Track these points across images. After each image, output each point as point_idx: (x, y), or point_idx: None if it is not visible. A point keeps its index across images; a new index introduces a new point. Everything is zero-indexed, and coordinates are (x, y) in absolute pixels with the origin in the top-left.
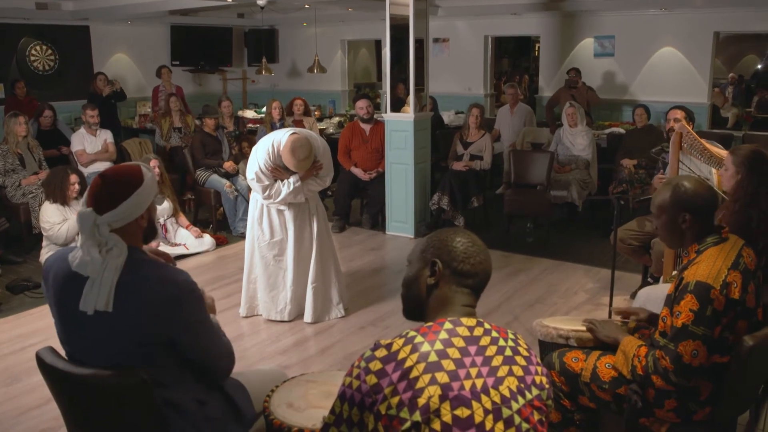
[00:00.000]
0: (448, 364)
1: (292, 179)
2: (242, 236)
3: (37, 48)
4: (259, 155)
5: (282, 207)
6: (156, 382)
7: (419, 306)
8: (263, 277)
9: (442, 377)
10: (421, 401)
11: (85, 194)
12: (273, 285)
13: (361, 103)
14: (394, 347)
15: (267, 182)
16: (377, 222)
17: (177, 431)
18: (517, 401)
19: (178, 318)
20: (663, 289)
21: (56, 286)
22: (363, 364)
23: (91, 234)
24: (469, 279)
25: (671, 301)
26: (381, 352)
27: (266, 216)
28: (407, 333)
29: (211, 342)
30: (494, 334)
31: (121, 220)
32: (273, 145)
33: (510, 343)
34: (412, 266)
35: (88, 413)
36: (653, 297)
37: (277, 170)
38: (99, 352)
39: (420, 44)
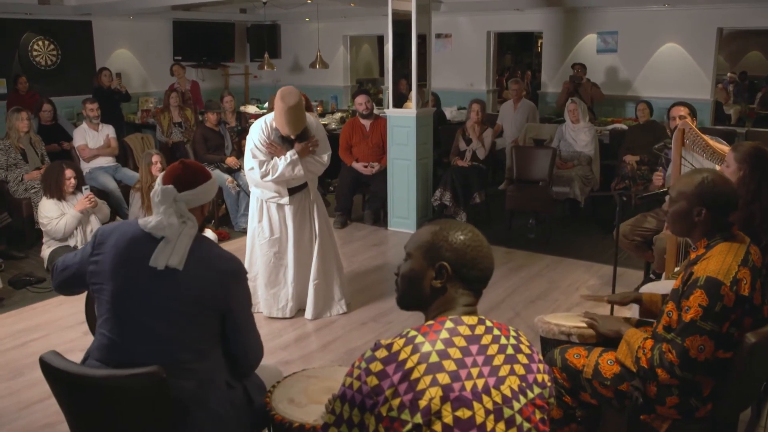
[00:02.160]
0: (449, 365)
1: (288, 153)
2: (244, 232)
3: (39, 43)
4: (254, 134)
5: (283, 201)
6: (195, 351)
7: (419, 302)
8: (264, 275)
9: (443, 378)
10: (423, 403)
11: (162, 176)
12: (274, 282)
13: (360, 99)
14: (395, 347)
15: (263, 158)
16: (379, 218)
17: (204, 412)
18: (518, 401)
19: (236, 291)
20: (665, 285)
21: (120, 245)
22: (363, 364)
23: (170, 206)
24: (477, 283)
25: (678, 295)
26: (381, 353)
27: (266, 213)
28: (408, 332)
29: (253, 327)
30: (496, 332)
31: (195, 201)
32: (266, 122)
33: (512, 341)
34: (413, 261)
35: (100, 415)
36: None
37: (272, 146)
38: (151, 307)
39: (422, 40)
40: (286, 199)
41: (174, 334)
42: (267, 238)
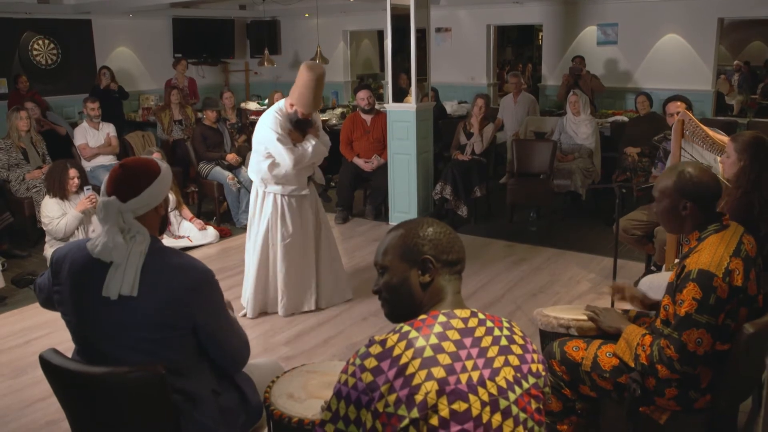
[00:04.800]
0: (443, 358)
1: (310, 138)
2: (246, 228)
3: (40, 42)
4: (272, 125)
5: (304, 191)
6: (175, 372)
7: (413, 307)
8: (292, 275)
9: (439, 372)
10: (419, 397)
11: (105, 183)
12: (304, 278)
13: (362, 94)
14: (389, 343)
15: (291, 144)
16: (380, 213)
17: (192, 424)
18: (514, 391)
19: (200, 303)
20: (666, 277)
21: (74, 275)
22: (358, 361)
23: (116, 221)
24: (458, 265)
25: (673, 289)
26: (376, 349)
27: (287, 213)
28: (401, 328)
29: (231, 329)
30: (489, 324)
31: (144, 207)
32: (277, 112)
33: (505, 332)
34: (392, 270)
35: (99, 412)
36: (656, 285)
37: (292, 133)
38: (118, 340)
39: (422, 34)
40: (307, 189)
41: (146, 361)
42: (292, 238)
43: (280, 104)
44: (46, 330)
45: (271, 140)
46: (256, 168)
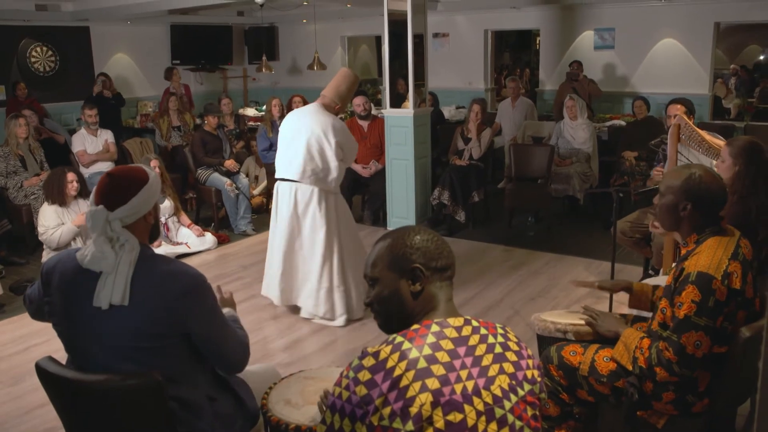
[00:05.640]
0: (437, 369)
1: None
2: (244, 234)
3: (38, 49)
4: (337, 121)
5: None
6: (169, 379)
7: (405, 316)
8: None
9: (433, 383)
10: (413, 410)
11: (93, 193)
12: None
13: (358, 100)
14: (382, 355)
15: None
16: (379, 218)
17: (189, 430)
18: (509, 399)
19: (193, 309)
20: (663, 281)
21: (64, 285)
22: (351, 374)
23: (103, 231)
24: (448, 271)
25: (671, 292)
26: (369, 361)
27: (325, 205)
28: (394, 339)
29: (226, 332)
30: (483, 331)
31: (131, 216)
32: (332, 117)
33: (499, 339)
34: (382, 282)
35: (96, 420)
36: None
37: None
38: (110, 349)
39: (419, 39)
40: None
41: (139, 369)
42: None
43: (317, 105)
44: (44, 337)
45: (347, 133)
46: (337, 171)
